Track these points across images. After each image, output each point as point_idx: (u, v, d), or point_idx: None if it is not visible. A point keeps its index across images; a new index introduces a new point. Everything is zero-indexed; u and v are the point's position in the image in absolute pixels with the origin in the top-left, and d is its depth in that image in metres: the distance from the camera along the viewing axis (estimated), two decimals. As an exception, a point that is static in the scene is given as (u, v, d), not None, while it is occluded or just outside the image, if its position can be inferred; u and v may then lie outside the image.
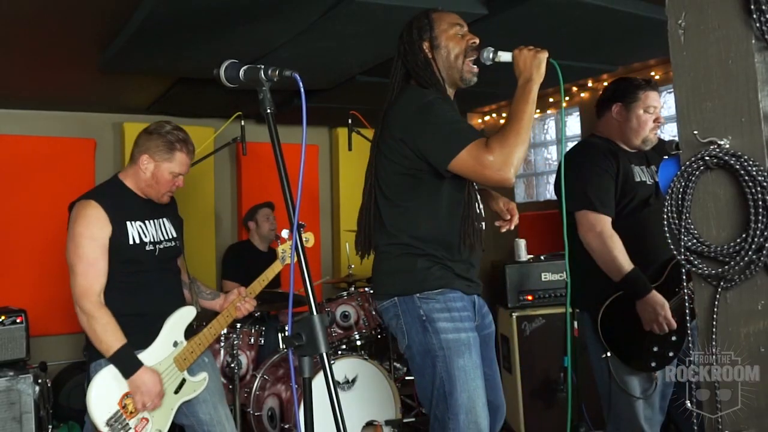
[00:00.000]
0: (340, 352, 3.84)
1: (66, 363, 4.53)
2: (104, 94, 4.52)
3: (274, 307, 4.13)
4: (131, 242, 2.43)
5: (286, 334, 2.35)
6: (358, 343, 3.96)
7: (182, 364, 2.51)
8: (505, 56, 2.06)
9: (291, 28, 3.10)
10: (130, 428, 2.37)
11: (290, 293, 1.44)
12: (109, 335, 2.33)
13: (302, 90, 1.40)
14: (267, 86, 1.46)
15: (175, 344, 2.51)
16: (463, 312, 2.06)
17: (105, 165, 5.00)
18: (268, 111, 1.46)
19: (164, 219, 2.60)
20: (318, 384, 1.45)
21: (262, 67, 1.46)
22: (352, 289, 4.10)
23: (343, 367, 3.49)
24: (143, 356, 2.42)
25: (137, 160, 2.51)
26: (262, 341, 4.10)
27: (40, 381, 3.63)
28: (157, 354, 2.47)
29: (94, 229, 2.38)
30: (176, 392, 2.49)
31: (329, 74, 4.00)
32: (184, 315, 2.56)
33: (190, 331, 2.58)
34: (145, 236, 2.48)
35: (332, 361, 2.63)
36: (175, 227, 2.64)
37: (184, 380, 2.52)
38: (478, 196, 2.19)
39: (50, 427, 3.68)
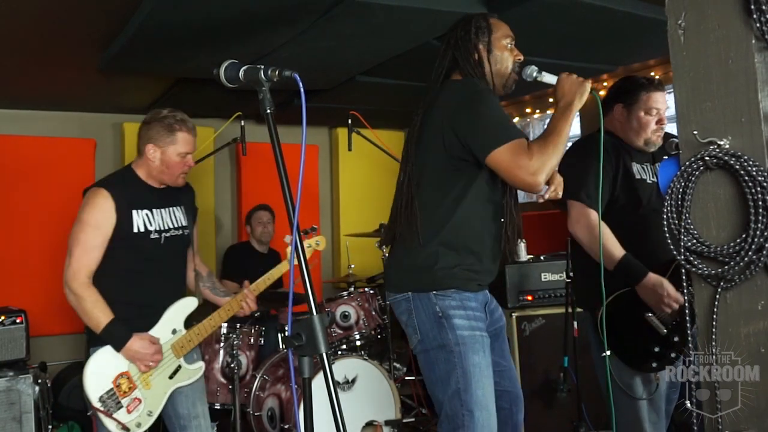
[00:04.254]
0: (340, 352, 3.84)
1: (66, 363, 4.53)
2: (104, 94, 4.52)
3: (275, 307, 4.14)
4: (135, 230, 2.49)
5: (286, 334, 2.35)
6: (358, 343, 3.96)
7: (179, 351, 2.57)
8: (548, 78, 2.14)
9: (291, 28, 3.10)
10: (122, 407, 2.43)
11: (290, 293, 1.44)
12: (97, 312, 2.41)
13: (302, 90, 1.40)
14: (267, 86, 1.46)
15: (174, 332, 2.57)
16: (477, 312, 2.10)
17: (105, 165, 4.99)
18: (268, 111, 1.46)
19: (176, 207, 2.64)
20: (318, 384, 1.45)
21: (262, 67, 1.46)
22: (352, 289, 4.10)
23: (343, 367, 3.49)
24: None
25: (144, 152, 2.55)
26: (262, 341, 4.10)
27: (39, 381, 3.62)
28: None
29: (99, 217, 2.44)
30: (171, 377, 2.55)
31: (329, 74, 4.00)
32: (186, 305, 2.61)
33: (191, 321, 2.63)
34: (151, 225, 2.53)
35: (332, 361, 2.64)
36: (187, 216, 2.68)
37: (179, 366, 2.57)
38: (515, 202, 2.23)
39: (50, 427, 3.68)
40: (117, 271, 2.48)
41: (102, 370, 2.44)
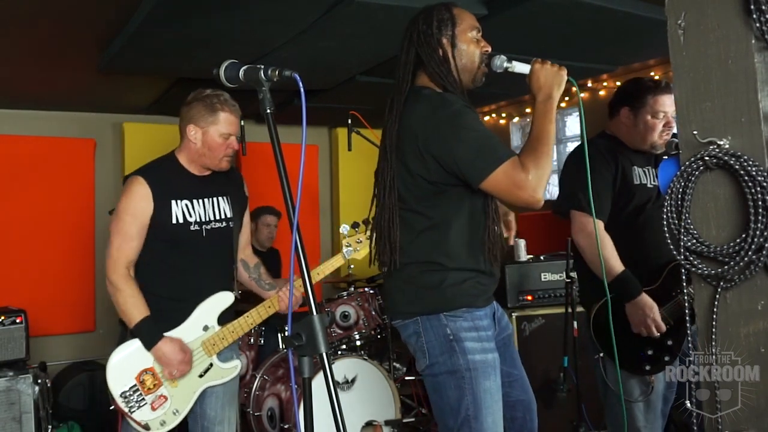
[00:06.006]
0: (339, 352, 3.84)
1: (66, 363, 4.53)
2: (104, 94, 4.52)
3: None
4: (174, 221, 2.39)
5: (286, 334, 2.34)
6: (358, 343, 3.96)
7: (210, 349, 2.45)
8: (520, 67, 1.95)
9: (291, 28, 3.11)
10: (146, 404, 2.35)
11: (290, 293, 1.44)
12: (131, 308, 2.33)
13: (302, 90, 1.40)
14: (267, 86, 1.45)
15: (206, 328, 2.45)
16: (488, 331, 1.98)
17: (105, 165, 5.00)
18: (268, 111, 1.45)
19: (220, 198, 2.52)
20: (318, 384, 1.45)
21: (262, 67, 1.46)
22: (352, 289, 4.10)
23: (343, 367, 3.49)
24: (168, 335, 2.39)
25: (185, 133, 2.44)
26: (262, 341, 4.10)
27: (39, 381, 3.63)
28: (184, 336, 2.41)
29: (136, 205, 2.36)
30: (201, 376, 2.44)
31: (329, 74, 4.01)
32: (220, 300, 2.48)
33: (227, 317, 2.50)
34: (191, 216, 2.42)
35: (332, 361, 2.62)
36: (234, 206, 2.55)
37: (211, 365, 2.46)
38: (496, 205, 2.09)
39: (50, 427, 3.68)
40: (153, 262, 2.39)
41: (124, 365, 2.35)
